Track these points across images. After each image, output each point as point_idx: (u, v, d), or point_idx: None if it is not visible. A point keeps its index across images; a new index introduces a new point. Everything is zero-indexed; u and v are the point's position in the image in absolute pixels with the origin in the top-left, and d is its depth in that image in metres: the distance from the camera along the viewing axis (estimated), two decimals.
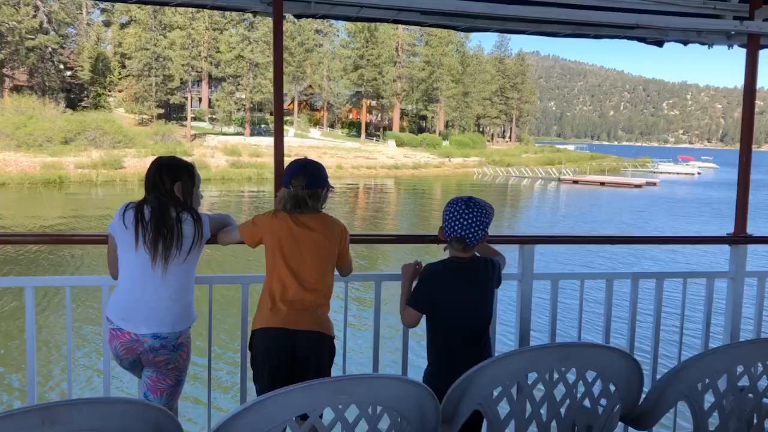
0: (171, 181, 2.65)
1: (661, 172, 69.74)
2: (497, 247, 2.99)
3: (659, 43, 3.75)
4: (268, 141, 55.18)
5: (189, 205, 2.67)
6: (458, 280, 2.68)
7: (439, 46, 77.54)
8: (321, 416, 1.77)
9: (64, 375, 8.46)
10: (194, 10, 53.64)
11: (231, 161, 47.25)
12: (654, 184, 51.91)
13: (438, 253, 2.81)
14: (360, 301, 10.77)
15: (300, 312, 2.62)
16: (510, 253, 3.07)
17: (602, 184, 50.61)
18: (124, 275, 2.64)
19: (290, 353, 2.62)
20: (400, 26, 72.94)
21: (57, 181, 38.04)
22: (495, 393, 1.98)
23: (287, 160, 2.94)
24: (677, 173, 70.74)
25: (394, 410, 1.78)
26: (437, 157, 63.27)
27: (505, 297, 3.28)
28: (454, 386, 1.94)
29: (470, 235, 2.63)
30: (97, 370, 8.44)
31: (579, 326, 3.42)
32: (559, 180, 52.59)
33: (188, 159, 2.87)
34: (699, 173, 72.79)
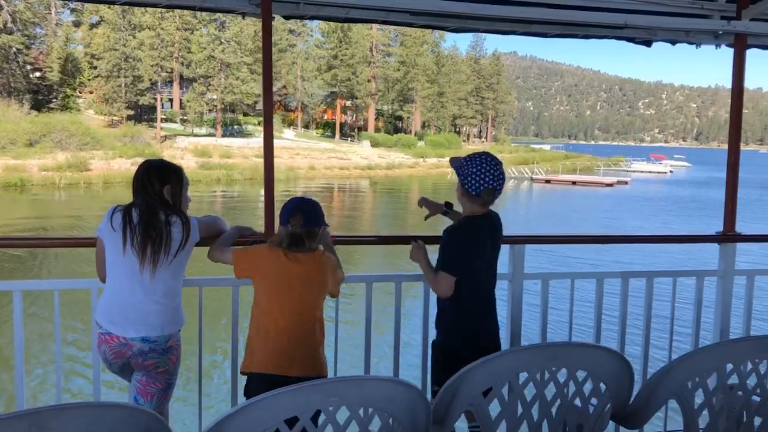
0: (160, 184, 2.63)
1: (634, 171, 70.32)
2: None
3: (648, 43, 3.77)
4: (240, 142, 54.93)
5: (178, 208, 2.66)
6: (486, 237, 2.74)
7: (414, 46, 77.45)
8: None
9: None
10: (163, 9, 52.95)
11: (201, 163, 46.69)
12: (625, 182, 52.26)
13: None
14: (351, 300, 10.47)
15: (293, 356, 2.59)
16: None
17: (574, 183, 50.81)
18: (112, 278, 2.62)
19: None
20: (374, 26, 72.89)
21: (18, 183, 37.14)
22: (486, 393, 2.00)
23: (258, 162, 2.84)
24: (650, 172, 71.33)
25: (385, 411, 1.79)
26: (412, 158, 63.26)
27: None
28: (445, 386, 1.96)
29: (500, 187, 2.69)
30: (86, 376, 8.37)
31: (570, 326, 3.43)
32: (532, 180, 52.73)
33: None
34: (671, 172, 73.49)
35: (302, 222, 2.60)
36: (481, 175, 2.64)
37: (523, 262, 3.29)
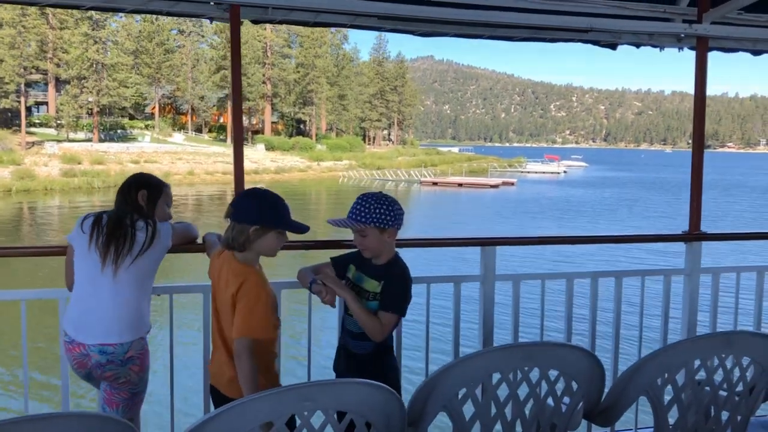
0: (136, 190, 2.68)
1: (528, 172, 71.78)
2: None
3: (613, 46, 3.85)
4: (119, 147, 52.47)
5: (148, 213, 2.67)
6: None
7: (312, 48, 76.23)
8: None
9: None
10: (23, 6, 49.34)
11: (65, 170, 43.76)
12: (512, 183, 52.78)
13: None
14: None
15: (212, 362, 2.55)
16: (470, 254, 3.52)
17: (460, 185, 51.02)
18: (77, 282, 2.63)
19: None
20: (268, 26, 71.19)
21: None
22: (460, 394, 2.01)
23: (136, 168, 2.30)
24: (543, 172, 72.82)
25: (360, 415, 1.81)
26: (306, 161, 62.17)
27: (468, 298, 3.33)
28: (419, 388, 1.99)
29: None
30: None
31: (541, 326, 3.48)
32: (420, 182, 52.62)
33: (17, 168, 2.15)
34: (565, 172, 75.15)
35: (229, 212, 2.42)
36: (393, 207, 2.58)
37: (494, 264, 3.30)
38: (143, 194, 2.68)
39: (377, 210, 2.55)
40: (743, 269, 3.83)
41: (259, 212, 2.38)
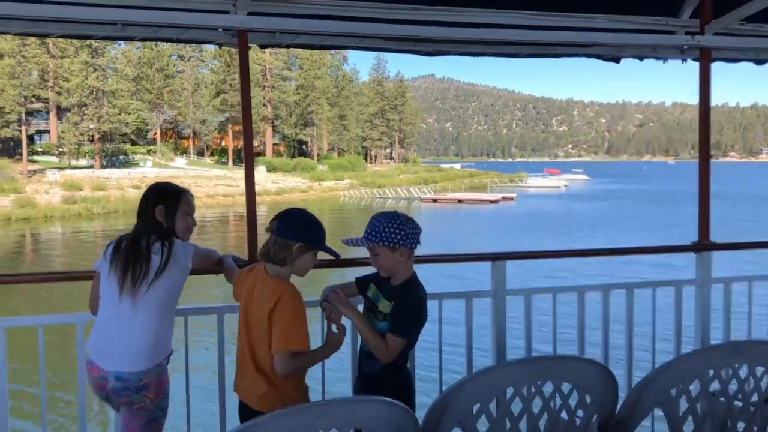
0: (153, 206, 2.63)
1: (529, 186, 71.51)
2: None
3: (616, 60, 3.89)
4: (120, 173, 52.48)
5: (166, 231, 2.62)
6: None
7: (312, 69, 76.63)
8: None
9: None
10: (23, 37, 49.61)
11: (66, 197, 43.76)
12: (511, 198, 52.46)
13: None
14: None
15: (240, 377, 2.57)
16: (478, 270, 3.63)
17: (460, 201, 50.90)
18: (101, 306, 2.64)
19: None
20: (267, 50, 71.63)
21: None
22: (474, 409, 2.01)
23: (138, 194, 2.70)
24: (544, 186, 72.54)
25: None
26: (307, 181, 62.19)
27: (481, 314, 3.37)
28: (433, 404, 2.01)
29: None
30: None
31: (553, 339, 3.47)
32: (420, 200, 52.46)
33: (18, 196, 2.06)
34: (566, 186, 74.77)
35: (274, 227, 2.48)
36: (405, 226, 2.57)
37: (505, 279, 3.33)
38: (160, 210, 2.62)
39: (387, 229, 2.57)
40: (755, 278, 3.78)
41: (306, 231, 2.50)
